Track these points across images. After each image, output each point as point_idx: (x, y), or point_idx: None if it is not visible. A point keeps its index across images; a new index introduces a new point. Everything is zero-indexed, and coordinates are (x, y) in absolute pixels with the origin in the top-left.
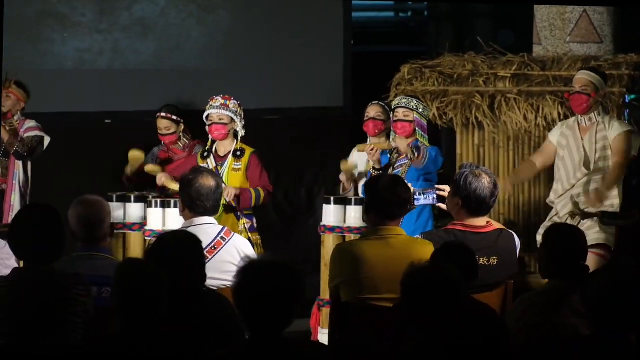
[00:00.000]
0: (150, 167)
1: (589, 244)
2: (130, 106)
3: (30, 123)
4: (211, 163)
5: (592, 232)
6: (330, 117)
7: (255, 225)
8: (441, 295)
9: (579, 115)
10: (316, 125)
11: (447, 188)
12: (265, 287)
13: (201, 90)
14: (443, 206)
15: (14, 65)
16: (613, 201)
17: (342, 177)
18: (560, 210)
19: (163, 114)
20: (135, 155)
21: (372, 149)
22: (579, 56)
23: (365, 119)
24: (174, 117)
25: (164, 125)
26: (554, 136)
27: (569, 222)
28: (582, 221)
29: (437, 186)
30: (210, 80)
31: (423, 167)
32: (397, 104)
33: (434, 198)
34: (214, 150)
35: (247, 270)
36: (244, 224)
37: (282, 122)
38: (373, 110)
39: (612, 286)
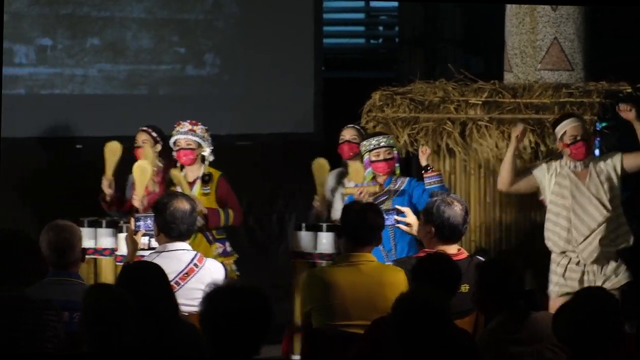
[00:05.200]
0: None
1: (620, 284)
2: (102, 132)
3: None
4: (181, 189)
5: (622, 273)
6: (301, 143)
7: (228, 249)
8: (432, 323)
9: (572, 162)
10: (287, 151)
11: (407, 210)
12: (231, 312)
13: (172, 116)
14: (404, 228)
15: None
16: (627, 238)
17: (316, 203)
18: (587, 258)
19: (144, 127)
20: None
21: (360, 193)
22: (549, 83)
23: (340, 141)
24: (153, 134)
25: (142, 138)
26: (539, 175)
27: (593, 268)
28: (606, 265)
29: (397, 207)
30: (182, 106)
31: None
32: (378, 144)
33: (393, 219)
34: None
35: (212, 296)
36: (216, 248)
37: (253, 148)
38: (348, 134)
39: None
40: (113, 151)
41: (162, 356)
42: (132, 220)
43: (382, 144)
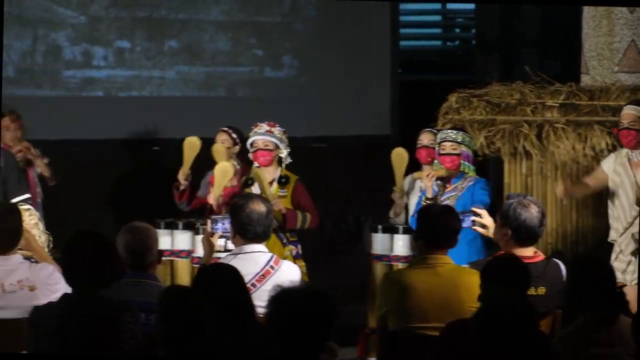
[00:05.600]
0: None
1: None
2: (179, 133)
3: None
4: (255, 190)
5: None
6: (377, 145)
7: (301, 252)
8: (518, 327)
9: (629, 150)
10: (363, 154)
11: (484, 212)
12: (295, 313)
13: (250, 117)
14: (480, 230)
15: (65, 91)
16: None
17: (395, 195)
18: (624, 249)
19: (224, 128)
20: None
21: (428, 174)
22: (627, 86)
23: (418, 146)
24: (233, 135)
25: (221, 138)
26: (607, 165)
27: (633, 260)
28: None
29: (473, 209)
30: (259, 107)
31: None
32: (444, 138)
33: (470, 221)
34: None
35: (278, 298)
36: (289, 250)
37: (329, 150)
38: (426, 138)
39: None
40: (192, 146)
41: (238, 358)
42: (209, 222)
43: (448, 138)
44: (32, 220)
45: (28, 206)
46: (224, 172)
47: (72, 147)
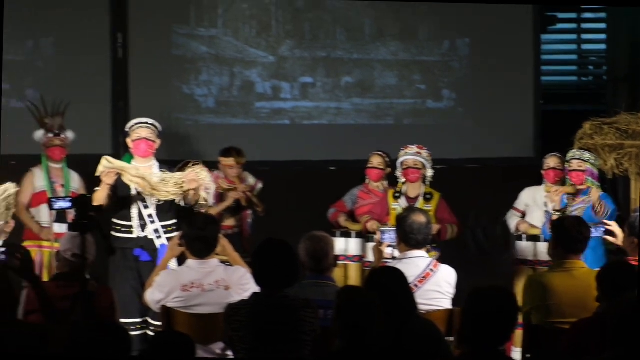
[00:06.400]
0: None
1: None
2: (353, 156)
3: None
4: (403, 203)
5: None
6: (522, 166)
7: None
8: None
9: None
10: (510, 173)
11: (613, 223)
12: (490, 309)
13: (413, 142)
14: (610, 239)
15: (256, 120)
16: None
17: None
18: None
19: (379, 152)
20: None
21: (556, 190)
22: None
23: (546, 168)
24: (387, 159)
25: (377, 161)
26: None
27: None
28: None
29: (604, 221)
30: (421, 134)
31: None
32: (572, 156)
33: (602, 231)
34: (403, 191)
35: (474, 295)
36: (434, 255)
37: (481, 170)
38: (553, 162)
39: None
40: None
41: (403, 350)
42: (379, 233)
43: (575, 156)
44: None
45: None
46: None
47: (261, 168)
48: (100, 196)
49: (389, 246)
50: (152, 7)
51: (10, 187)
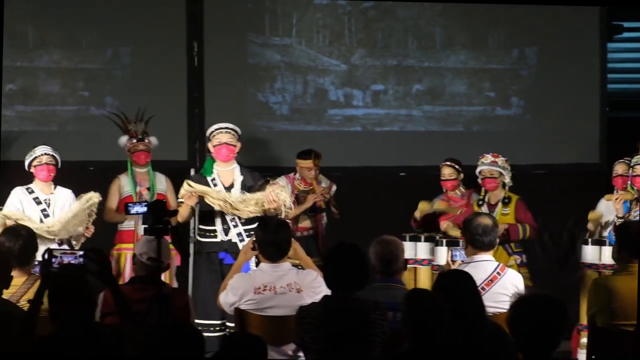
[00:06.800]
0: (432, 206)
1: None
2: (422, 162)
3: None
4: (484, 210)
5: None
6: (588, 172)
7: (525, 260)
8: None
9: None
10: (577, 178)
11: None
12: (537, 317)
13: (482, 149)
14: None
15: (329, 127)
16: None
17: (590, 225)
18: None
19: (448, 162)
20: (424, 206)
21: (616, 198)
22: None
23: (614, 175)
24: (457, 167)
25: (447, 172)
26: None
27: None
28: None
29: None
30: (490, 140)
31: None
32: (636, 162)
33: None
34: (486, 199)
35: (521, 304)
36: (514, 259)
37: (548, 176)
38: (621, 168)
39: None
40: (424, 209)
41: (471, 352)
42: (449, 252)
43: (638, 162)
44: None
45: None
46: (423, 209)
47: (334, 173)
48: (182, 213)
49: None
50: (227, 16)
51: (94, 196)
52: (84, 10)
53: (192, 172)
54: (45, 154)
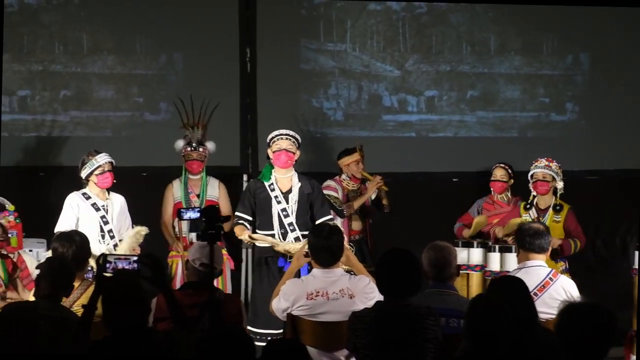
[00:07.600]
0: (478, 220)
1: None
2: (473, 167)
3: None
4: (532, 214)
5: None
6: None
7: (568, 267)
8: None
9: None
10: (629, 185)
11: None
12: (584, 325)
13: (536, 155)
14: None
15: (383, 132)
16: None
17: None
18: None
19: (502, 165)
20: (481, 220)
21: None
22: None
23: None
24: (509, 170)
25: (500, 173)
26: None
27: None
28: None
29: None
30: (544, 146)
31: None
32: None
33: None
34: (535, 203)
35: (567, 311)
36: (561, 265)
37: (600, 182)
38: None
39: None
40: (480, 223)
41: (524, 357)
42: None
43: None
44: None
45: None
46: (479, 224)
47: (387, 178)
48: (238, 234)
49: None
50: (280, 22)
51: (142, 230)
52: (137, 16)
53: (245, 177)
54: (109, 162)
